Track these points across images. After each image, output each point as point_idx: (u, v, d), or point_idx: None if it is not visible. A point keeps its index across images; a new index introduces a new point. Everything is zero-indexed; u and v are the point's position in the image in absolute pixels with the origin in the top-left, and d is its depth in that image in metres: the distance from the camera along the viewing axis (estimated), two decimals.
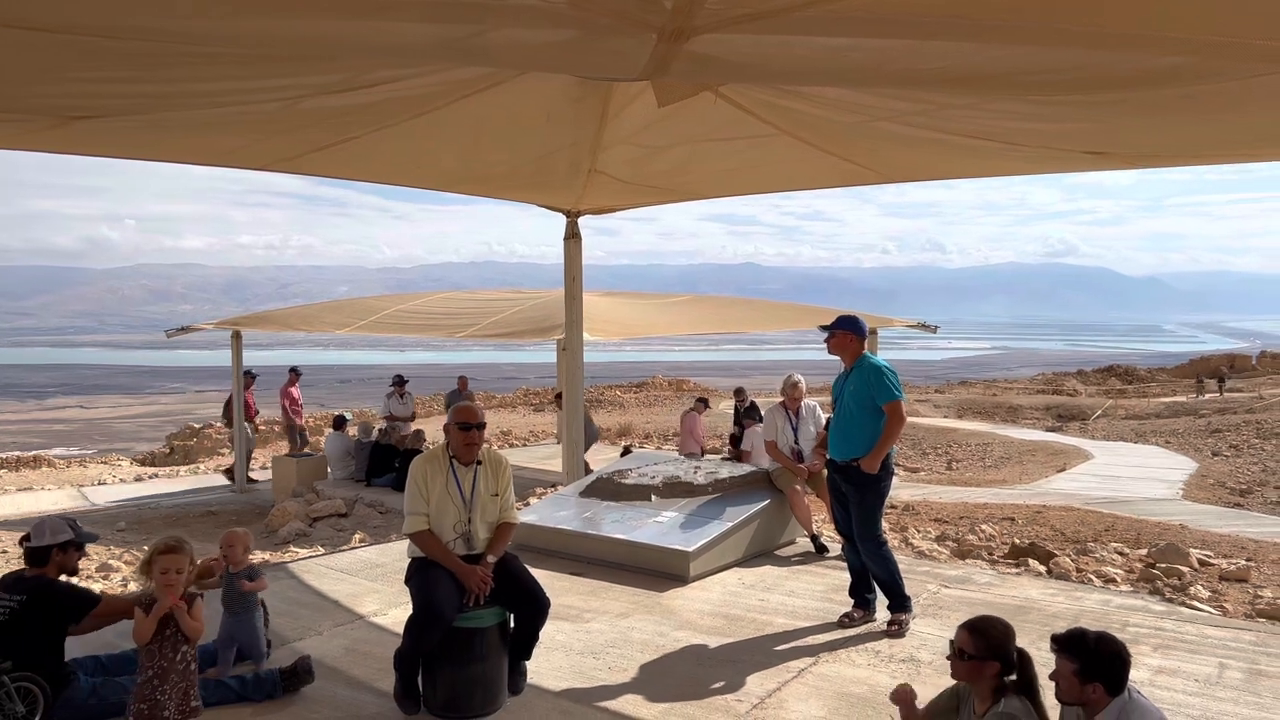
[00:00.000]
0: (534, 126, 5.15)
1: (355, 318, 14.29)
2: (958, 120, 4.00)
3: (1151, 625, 5.83)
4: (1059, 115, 3.56)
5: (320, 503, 12.79)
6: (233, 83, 3.93)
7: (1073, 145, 4.09)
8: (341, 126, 4.81)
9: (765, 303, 21.46)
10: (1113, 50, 2.66)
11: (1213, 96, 2.90)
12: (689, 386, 55.79)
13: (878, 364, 5.75)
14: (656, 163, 5.80)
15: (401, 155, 5.39)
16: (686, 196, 6.83)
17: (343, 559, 7.52)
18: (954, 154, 4.70)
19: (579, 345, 8.65)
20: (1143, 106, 3.10)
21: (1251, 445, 23.54)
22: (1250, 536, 9.76)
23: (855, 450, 5.68)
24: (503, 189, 6.76)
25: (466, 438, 4.59)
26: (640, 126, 5.18)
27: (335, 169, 5.51)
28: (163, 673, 3.75)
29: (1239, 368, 72.08)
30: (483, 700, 4.53)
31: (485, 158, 5.64)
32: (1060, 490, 14.27)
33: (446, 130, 5.02)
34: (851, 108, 4.15)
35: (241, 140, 4.80)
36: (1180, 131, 3.57)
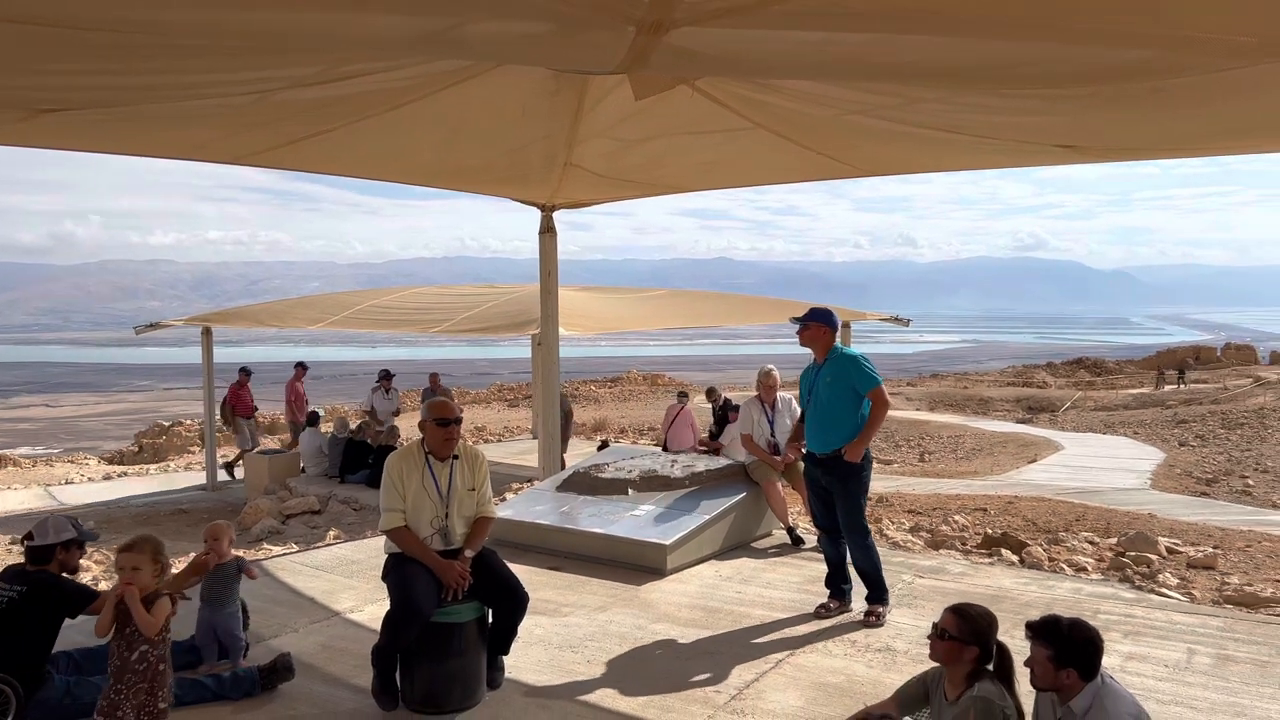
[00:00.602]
0: (510, 120, 5.14)
1: (328, 313, 14.19)
2: (930, 114, 4.03)
3: (1122, 612, 5.91)
4: (1031, 108, 3.60)
5: (293, 500, 12.70)
6: (206, 75, 3.89)
7: (1044, 139, 4.14)
8: (316, 119, 4.77)
9: (740, 297, 21.52)
10: (1083, 45, 2.69)
11: (1181, 90, 2.94)
12: (664, 381, 55.83)
13: (852, 353, 5.78)
14: (632, 156, 5.80)
15: (377, 148, 5.36)
16: (662, 190, 6.84)
17: (318, 556, 7.47)
18: (926, 147, 4.73)
19: (555, 340, 8.64)
20: (1113, 100, 3.14)
21: (1217, 435, 23.91)
22: (1217, 525, 9.92)
23: (836, 441, 5.69)
24: (478, 183, 6.74)
25: (445, 433, 4.57)
26: (616, 120, 5.17)
27: (310, 163, 5.47)
28: (118, 671, 3.71)
29: (1204, 359, 73.16)
30: (461, 695, 4.52)
31: (461, 151, 5.62)
32: (1031, 481, 14.44)
33: (422, 123, 4.99)
34: (825, 101, 4.17)
35: (214, 133, 4.75)
36: (1149, 125, 3.62)
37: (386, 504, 4.61)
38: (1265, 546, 8.38)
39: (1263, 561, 7.79)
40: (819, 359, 5.84)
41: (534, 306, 11.87)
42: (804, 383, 5.97)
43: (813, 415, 5.85)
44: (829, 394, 5.72)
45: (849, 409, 5.69)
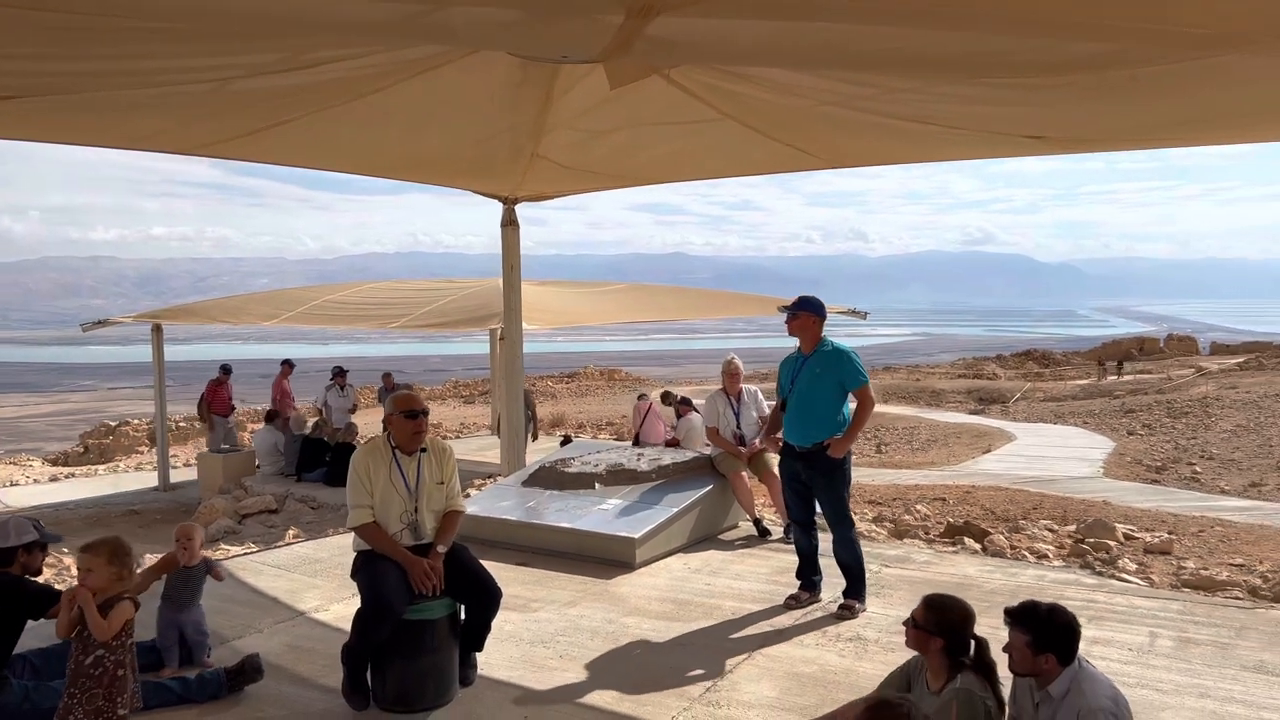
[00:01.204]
0: (476, 110, 5.07)
1: (283, 309, 13.97)
2: (904, 104, 4.04)
3: (1085, 598, 6.00)
4: (1005, 99, 3.62)
5: (249, 499, 12.49)
6: (164, 61, 3.78)
7: (1014, 129, 4.17)
8: (277, 109, 4.67)
9: (698, 291, 21.58)
10: (1060, 35, 2.70)
11: (1152, 80, 2.98)
12: (621, 376, 55.81)
13: (843, 347, 5.75)
14: (599, 147, 5.76)
15: (339, 139, 5.26)
16: (628, 183, 6.80)
17: (279, 555, 7.34)
18: (897, 139, 4.75)
19: (518, 335, 8.58)
20: (1088, 90, 3.16)
21: (1163, 424, 24.46)
22: (1170, 511, 10.13)
23: (818, 435, 5.67)
24: (442, 175, 6.65)
25: (414, 426, 4.50)
26: (583, 110, 5.13)
27: (269, 153, 5.35)
28: (73, 675, 3.61)
29: (1148, 350, 74.77)
30: (434, 693, 4.46)
31: (426, 142, 5.53)
32: (987, 471, 14.65)
33: (387, 114, 4.91)
34: (799, 91, 4.17)
35: (171, 122, 4.63)
36: (1120, 115, 3.66)
37: (354, 500, 4.53)
38: (1217, 531, 8.58)
39: (1216, 546, 7.96)
40: (805, 349, 5.81)
41: (494, 301, 11.79)
42: (785, 372, 5.90)
43: (796, 407, 5.76)
44: (814, 386, 5.67)
45: (833, 404, 5.67)
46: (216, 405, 15.69)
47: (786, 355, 6.02)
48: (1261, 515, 10.19)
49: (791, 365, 5.86)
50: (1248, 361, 47.33)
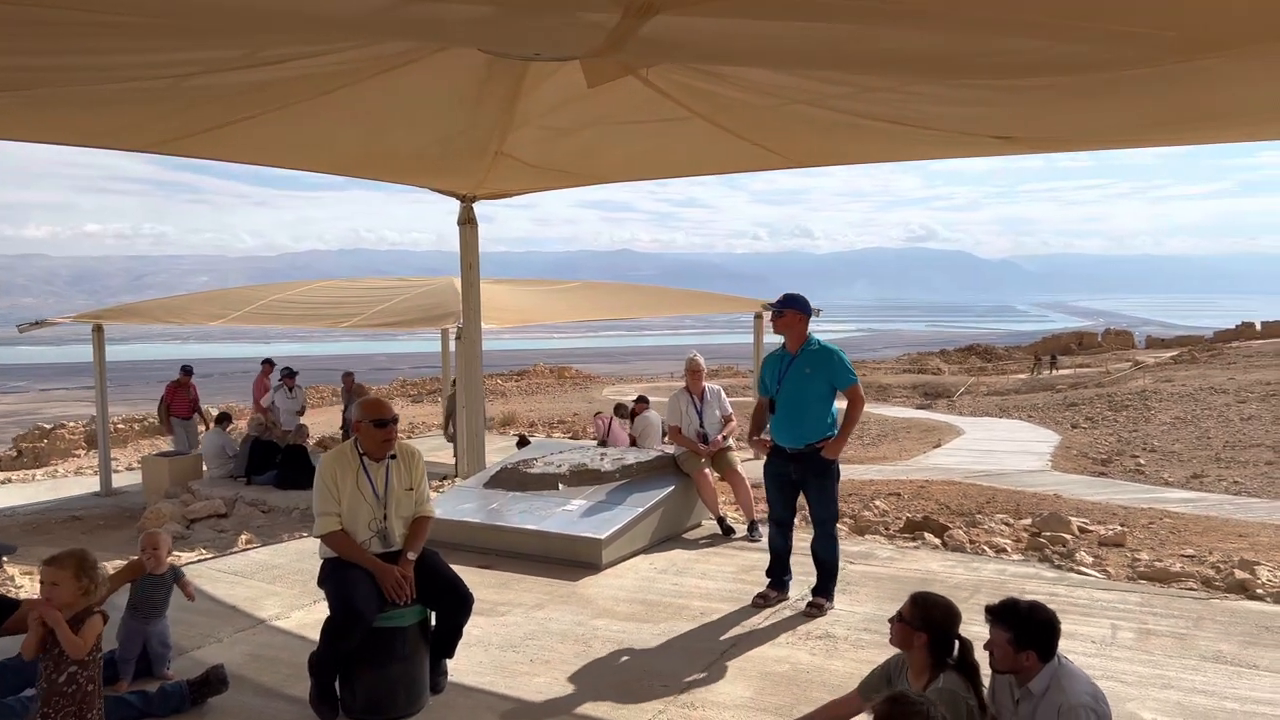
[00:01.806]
0: (441, 108, 4.99)
1: (230, 309, 13.66)
2: (875, 103, 4.05)
3: (1046, 591, 6.08)
4: (977, 99, 3.65)
5: (197, 503, 12.20)
6: (120, 56, 3.65)
7: (984, 130, 4.21)
8: (237, 106, 4.54)
9: (653, 288, 21.57)
10: (1043, 38, 2.72)
11: (1131, 83, 3.01)
12: (571, 374, 55.68)
13: (832, 347, 5.72)
14: (565, 145, 5.70)
15: (300, 137, 5.14)
16: (592, 181, 6.75)
17: (234, 562, 7.17)
18: (866, 138, 4.77)
19: (477, 333, 8.50)
20: (1063, 92, 3.20)
21: (1105, 417, 25.04)
22: (1119, 503, 10.36)
23: (810, 435, 5.64)
24: (402, 172, 6.54)
25: (383, 434, 4.41)
26: (550, 108, 5.07)
27: (227, 151, 5.21)
28: (46, 695, 3.48)
29: (1086, 345, 76.62)
30: (406, 701, 4.38)
31: (389, 139, 5.43)
32: (939, 465, 14.86)
33: (350, 111, 4.81)
34: (772, 90, 4.16)
35: (129, 119, 4.48)
36: (1091, 118, 3.70)
37: (320, 508, 4.43)
38: (1167, 523, 8.78)
39: (1166, 537, 8.15)
40: (792, 348, 5.77)
41: (449, 299, 11.66)
42: (771, 371, 5.82)
43: (784, 408, 5.70)
44: (803, 386, 5.63)
45: (823, 404, 5.66)
46: (177, 407, 15.31)
47: (770, 353, 5.99)
48: (1206, 506, 10.48)
49: (776, 364, 5.81)
50: (1181, 355, 48.69)
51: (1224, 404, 25.24)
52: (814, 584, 5.92)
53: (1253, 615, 5.61)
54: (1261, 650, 5.03)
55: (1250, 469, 15.71)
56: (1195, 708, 4.36)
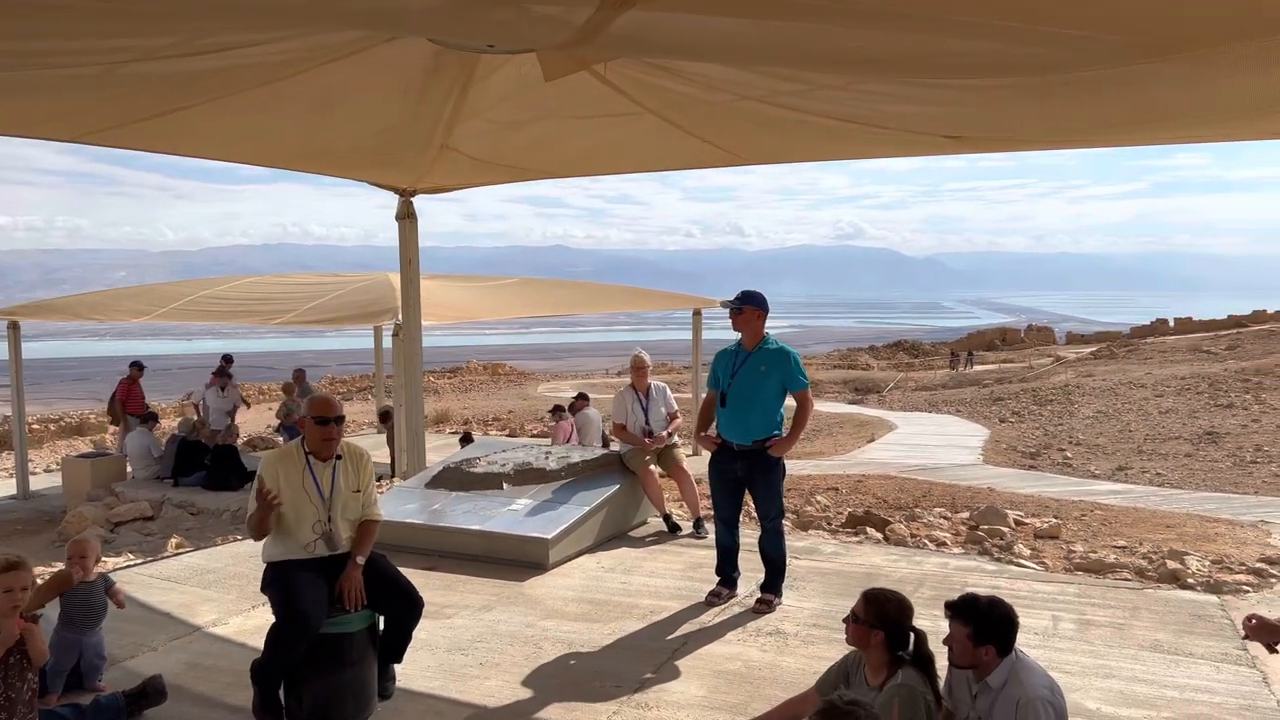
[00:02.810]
0: (386, 99, 4.85)
1: (155, 305, 13.22)
2: (829, 100, 4.05)
3: (988, 584, 6.18)
4: (930, 98, 3.66)
5: (122, 506, 11.77)
6: (55, 41, 3.47)
7: (935, 129, 4.24)
8: (173, 95, 4.36)
9: (594, 285, 21.50)
10: (1004, 40, 2.74)
11: (1087, 84, 3.05)
12: (505, 370, 55.32)
13: (787, 348, 5.74)
14: (513, 140, 5.60)
15: (238, 128, 4.96)
16: (539, 175, 6.65)
17: (167, 567, 6.92)
18: (814, 135, 4.77)
19: (418, 330, 8.31)
20: (1018, 92, 3.23)
21: (1030, 411, 25.67)
22: (1051, 496, 10.60)
23: (760, 432, 5.64)
24: (342, 166, 6.36)
25: (324, 433, 4.28)
26: (497, 101, 4.97)
27: (161, 142, 5.01)
28: (10, 705, 3.33)
29: (1010, 340, 78.67)
30: (354, 709, 4.26)
31: (329, 132, 5.27)
32: (874, 459, 15.07)
33: (291, 102, 4.65)
34: (723, 86, 4.13)
35: (60, 107, 4.27)
36: (1042, 118, 3.75)
37: (251, 505, 4.29)
38: (1098, 515, 9.01)
39: (1099, 529, 8.36)
40: (748, 344, 5.76)
41: (385, 296, 11.45)
42: (723, 367, 5.80)
43: (735, 404, 5.69)
44: (756, 384, 5.62)
45: (774, 402, 5.67)
46: (132, 404, 14.81)
47: (722, 349, 5.98)
48: (1133, 498, 10.79)
49: (729, 359, 5.80)
50: (1100, 351, 50.29)
51: (1143, 398, 26.08)
52: (762, 580, 5.94)
53: (1185, 605, 5.78)
54: (1196, 639, 5.18)
55: (1171, 461, 16.26)
56: (1137, 696, 4.47)
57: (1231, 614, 5.58)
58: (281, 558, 4.28)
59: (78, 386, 71.48)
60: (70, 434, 28.10)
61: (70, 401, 46.42)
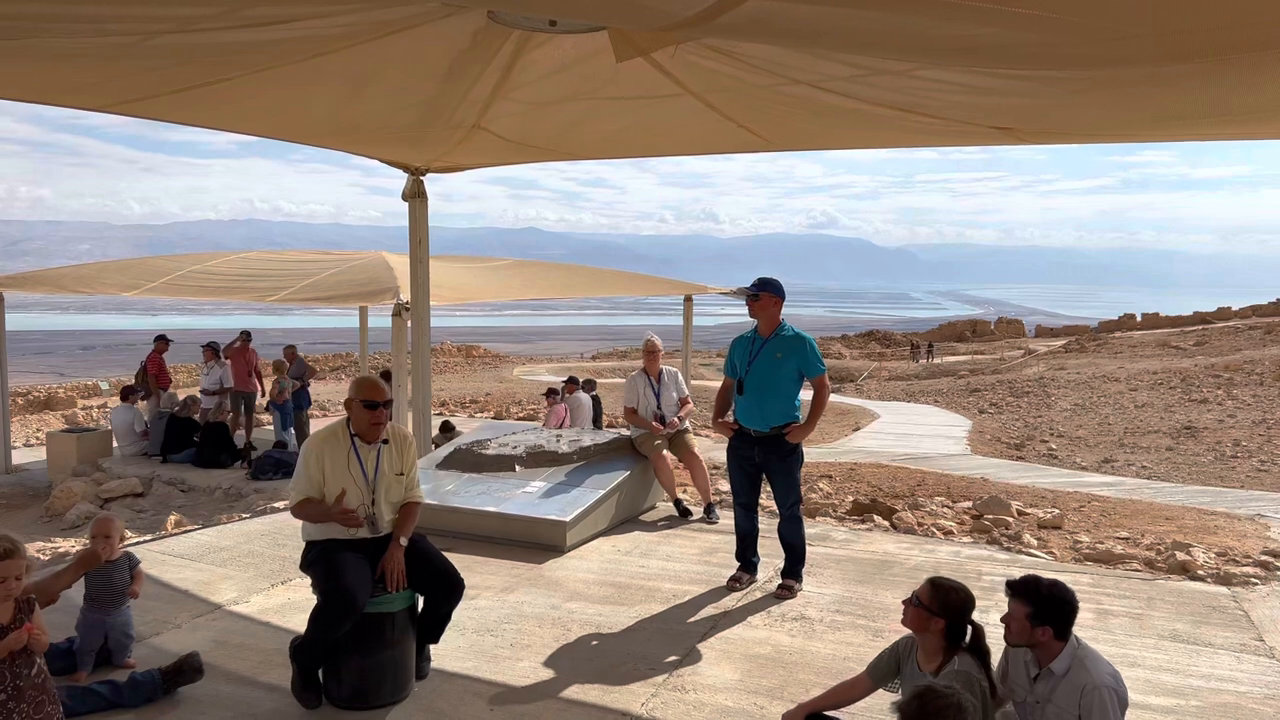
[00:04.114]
0: (428, 76, 4.79)
1: (144, 279, 13.01)
2: (882, 88, 4.05)
3: (1001, 573, 6.25)
4: (993, 88, 3.66)
5: (112, 482, 11.63)
6: (88, 7, 3.39)
7: (985, 120, 4.25)
8: (216, 66, 4.28)
9: (590, 269, 21.41)
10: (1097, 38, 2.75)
11: (1174, 78, 3.08)
12: (479, 353, 55.15)
13: (803, 334, 5.76)
14: (546, 121, 5.56)
15: (277, 102, 4.88)
16: (564, 157, 6.60)
17: (178, 544, 6.84)
18: (860, 122, 4.76)
19: (426, 311, 8.26)
20: (1098, 84, 3.25)
21: (1008, 403, 25.97)
22: (1045, 486, 10.74)
23: (777, 419, 5.67)
24: (366, 142, 6.30)
25: (373, 417, 4.25)
26: (538, 79, 4.93)
27: (197, 114, 4.92)
28: (18, 693, 3.25)
29: (980, 332, 79.52)
30: (393, 688, 4.26)
31: (363, 107, 5.19)
32: (863, 448, 15.18)
33: (333, 76, 4.59)
34: (777, 70, 4.11)
35: (94, 76, 4.18)
36: (1104, 110, 3.78)
37: (295, 485, 4.27)
38: (1096, 506, 9.14)
39: (1099, 520, 8.48)
40: (764, 331, 5.78)
41: (383, 275, 11.34)
42: (740, 354, 5.83)
43: (752, 391, 5.71)
44: (774, 371, 5.65)
45: (792, 389, 5.69)
46: (163, 378, 14.61)
47: (738, 335, 6.00)
48: (1127, 490, 10.95)
49: (745, 346, 5.82)
50: (1070, 344, 50.94)
51: (1118, 392, 26.45)
52: (782, 566, 5.98)
53: (1198, 595, 5.88)
54: (1214, 629, 5.27)
55: (1153, 454, 16.51)
56: (1165, 685, 4.54)
57: (1244, 605, 5.70)
58: (323, 536, 4.26)
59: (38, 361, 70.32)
60: (39, 408, 27.64)
61: (34, 376, 45.65)
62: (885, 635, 5.13)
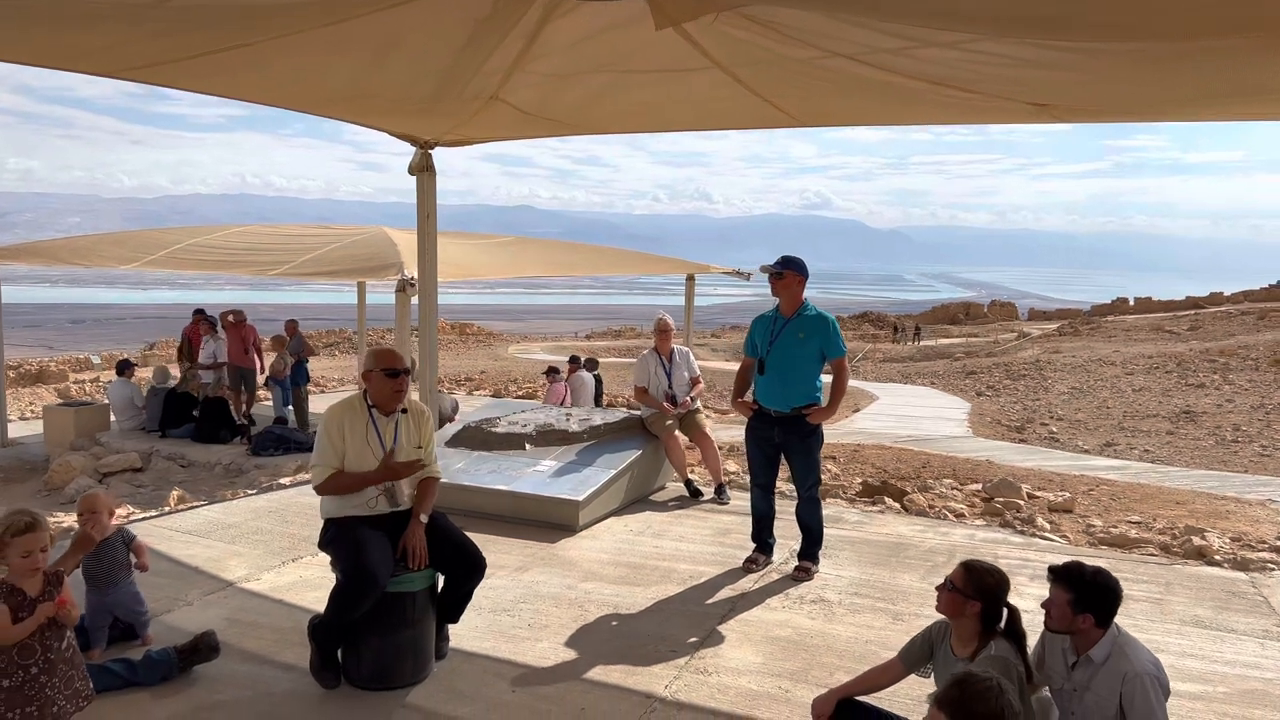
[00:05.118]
0: (449, 45, 4.66)
1: (142, 251, 12.84)
2: (924, 61, 3.95)
3: (1019, 556, 6.23)
4: (1041, 61, 3.57)
5: (111, 456, 11.52)
6: None
7: (1022, 96, 4.16)
8: (236, 31, 4.16)
9: (588, 246, 21.28)
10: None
11: (1224, 52, 2.99)
12: (473, 330, 55.00)
13: (826, 315, 5.69)
14: (566, 93, 5.43)
15: (297, 70, 4.75)
16: (581, 131, 6.48)
17: (186, 520, 6.76)
18: (892, 98, 4.65)
19: (434, 287, 8.15)
20: (1147, 58, 3.16)
21: (1005, 386, 25.97)
22: (1052, 470, 10.70)
23: (798, 399, 5.61)
24: (378, 113, 6.16)
25: (395, 385, 4.18)
26: (562, 49, 4.80)
27: (212, 82, 4.79)
28: (49, 666, 3.20)
29: (973, 315, 79.63)
30: (413, 668, 4.20)
31: (382, 77, 5.06)
32: (865, 430, 15.14)
33: (355, 43, 4.46)
34: (816, 42, 4.01)
35: (109, 39, 4.05)
36: (1144, 88, 3.69)
37: (319, 459, 4.18)
38: (1105, 490, 9.11)
39: (1109, 504, 8.45)
40: (787, 311, 5.70)
41: (387, 250, 11.21)
42: (761, 333, 5.76)
43: (774, 370, 5.65)
44: (795, 351, 5.58)
45: (813, 370, 5.62)
46: None
47: (759, 314, 5.92)
48: (1133, 474, 10.92)
49: (767, 326, 5.75)
50: (1064, 327, 50.99)
51: (1114, 375, 26.47)
52: (798, 548, 5.92)
53: (1217, 581, 5.85)
54: (1235, 615, 5.24)
55: (1155, 438, 16.51)
56: (1191, 671, 4.50)
57: (1263, 591, 5.67)
58: (342, 513, 4.18)
59: (27, 334, 69.87)
60: (31, 382, 27.49)
61: (23, 349, 45.33)
62: (905, 618, 5.09)
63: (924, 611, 5.16)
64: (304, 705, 3.98)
